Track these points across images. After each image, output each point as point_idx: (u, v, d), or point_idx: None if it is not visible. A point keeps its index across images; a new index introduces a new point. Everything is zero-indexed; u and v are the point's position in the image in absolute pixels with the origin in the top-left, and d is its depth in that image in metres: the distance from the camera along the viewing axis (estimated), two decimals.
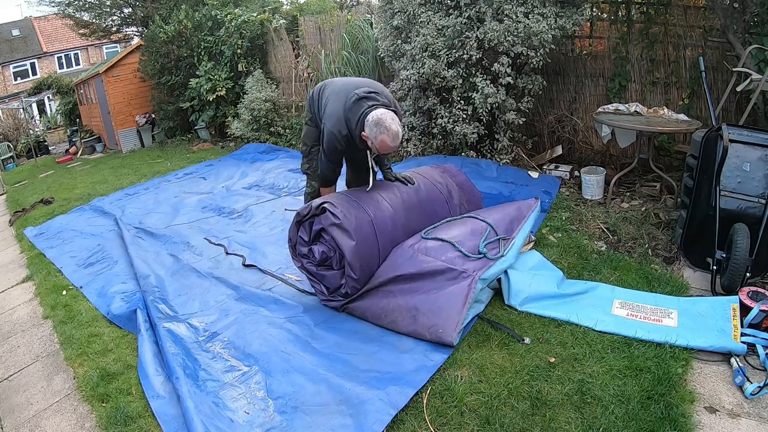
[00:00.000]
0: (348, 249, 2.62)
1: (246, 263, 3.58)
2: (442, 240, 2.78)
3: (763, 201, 2.65)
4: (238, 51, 7.98)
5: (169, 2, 11.17)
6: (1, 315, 3.53)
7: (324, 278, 2.82)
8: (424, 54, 4.34)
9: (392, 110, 2.69)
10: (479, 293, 2.57)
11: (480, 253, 2.70)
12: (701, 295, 2.63)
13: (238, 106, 7.69)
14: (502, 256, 2.70)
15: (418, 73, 4.43)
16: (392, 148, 2.64)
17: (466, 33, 4.10)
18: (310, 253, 2.85)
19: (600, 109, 4.07)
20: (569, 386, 2.08)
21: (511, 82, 4.11)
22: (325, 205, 2.70)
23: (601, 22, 4.55)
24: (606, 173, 4.02)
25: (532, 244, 3.14)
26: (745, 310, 2.35)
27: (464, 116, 4.35)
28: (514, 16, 3.86)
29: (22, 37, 23.83)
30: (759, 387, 1.95)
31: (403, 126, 4.97)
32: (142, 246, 4.18)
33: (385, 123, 2.57)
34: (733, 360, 2.12)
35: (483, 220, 2.94)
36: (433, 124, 4.80)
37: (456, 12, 4.22)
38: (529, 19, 3.85)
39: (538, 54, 3.94)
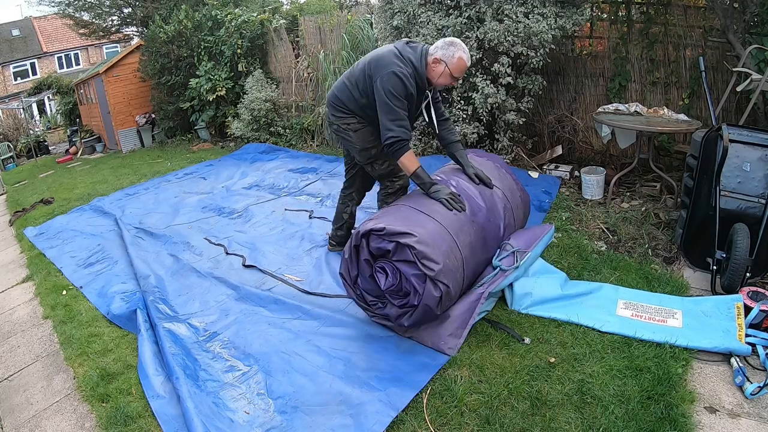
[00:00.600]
0: (432, 301, 2.28)
1: (246, 263, 3.58)
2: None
3: (763, 201, 2.65)
4: (238, 51, 7.98)
5: (169, 2, 11.18)
6: (1, 315, 3.53)
7: (380, 309, 2.53)
8: None
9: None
10: (487, 304, 2.56)
11: (494, 267, 2.66)
12: (701, 295, 2.63)
13: (238, 106, 7.69)
14: (516, 267, 2.64)
15: None
16: (464, 71, 2.58)
17: (466, 33, 4.10)
18: (371, 280, 2.49)
19: (600, 109, 4.07)
20: (569, 386, 2.08)
21: (511, 82, 4.11)
22: (417, 246, 2.23)
23: (601, 22, 4.55)
24: (606, 173, 4.02)
25: None
26: (745, 310, 2.35)
27: (464, 116, 4.35)
28: (514, 16, 3.86)
29: (22, 37, 23.84)
30: (759, 387, 1.95)
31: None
32: (142, 246, 4.18)
33: (458, 42, 2.54)
34: (733, 360, 2.12)
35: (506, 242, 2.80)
36: None
37: (456, 12, 4.22)
38: (529, 19, 3.85)
39: (538, 54, 3.94)
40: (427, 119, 2.77)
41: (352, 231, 2.63)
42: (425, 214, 2.48)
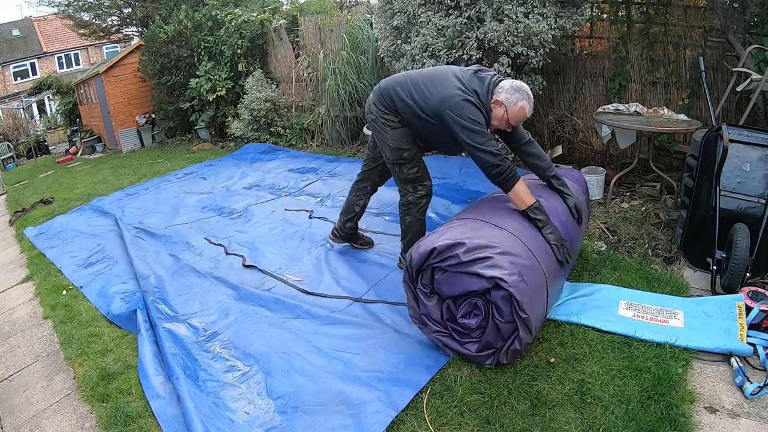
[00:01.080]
0: (522, 346, 2.08)
1: (246, 263, 3.58)
2: None
3: (763, 201, 2.65)
4: (238, 51, 7.98)
5: (169, 2, 11.17)
6: (1, 315, 3.53)
7: (446, 336, 2.30)
8: (424, 54, 4.35)
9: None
10: None
11: None
12: (701, 295, 2.63)
13: (238, 106, 7.69)
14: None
15: None
16: (522, 121, 2.45)
17: (466, 33, 4.10)
18: (448, 315, 2.24)
19: (600, 109, 4.07)
20: (569, 386, 2.08)
21: None
22: (513, 291, 1.94)
23: (601, 22, 4.55)
24: (606, 173, 4.02)
25: None
26: (745, 310, 2.35)
27: None
28: (514, 16, 3.86)
29: (22, 37, 23.84)
30: (759, 387, 1.95)
31: None
32: (142, 246, 4.19)
33: (525, 89, 2.40)
34: (733, 360, 2.12)
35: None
36: None
37: (456, 12, 4.22)
38: (529, 19, 3.85)
39: (538, 54, 3.95)
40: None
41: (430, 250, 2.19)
42: (523, 243, 2.16)
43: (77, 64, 24.27)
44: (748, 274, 2.50)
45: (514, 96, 2.39)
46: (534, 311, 2.03)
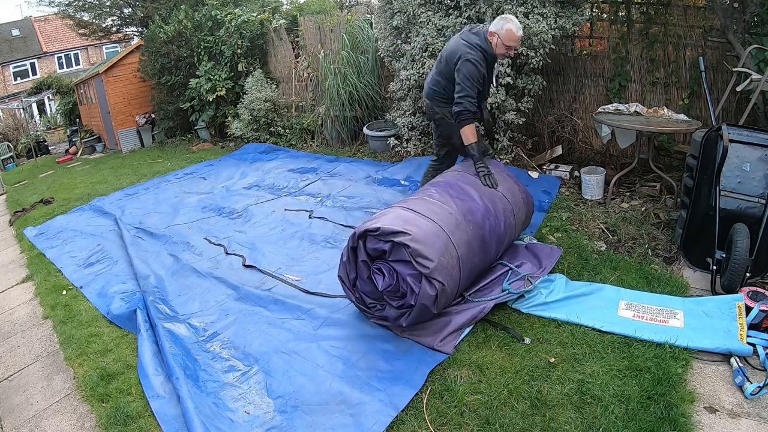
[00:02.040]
0: (428, 300, 2.31)
1: (246, 263, 3.58)
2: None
3: (763, 201, 2.65)
4: (238, 51, 7.98)
5: (169, 2, 11.18)
6: (1, 315, 3.53)
7: (380, 311, 2.56)
8: (424, 54, 4.35)
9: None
10: None
11: (503, 290, 2.70)
12: (701, 295, 2.63)
13: (238, 106, 7.69)
14: (522, 296, 2.67)
15: (418, 73, 4.43)
16: (518, 39, 2.94)
17: None
18: (369, 282, 2.53)
19: (600, 109, 4.06)
20: (569, 386, 2.08)
21: (511, 82, 4.11)
22: (411, 245, 2.26)
23: (601, 22, 4.55)
24: (606, 173, 4.02)
25: None
26: (745, 310, 2.34)
27: None
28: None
29: (22, 37, 23.84)
30: (759, 387, 1.95)
31: (403, 126, 5.01)
32: (142, 246, 4.18)
33: (508, 17, 2.96)
34: (733, 360, 2.12)
35: (512, 267, 2.88)
36: (433, 124, 4.79)
37: (456, 12, 4.22)
38: (529, 19, 3.85)
39: (538, 54, 3.95)
40: (495, 86, 3.20)
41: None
42: (420, 213, 2.50)
43: (77, 64, 24.27)
44: (748, 274, 2.50)
45: (499, 23, 2.95)
46: (437, 264, 2.28)
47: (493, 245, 2.76)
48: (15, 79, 23.09)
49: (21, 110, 14.94)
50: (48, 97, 19.07)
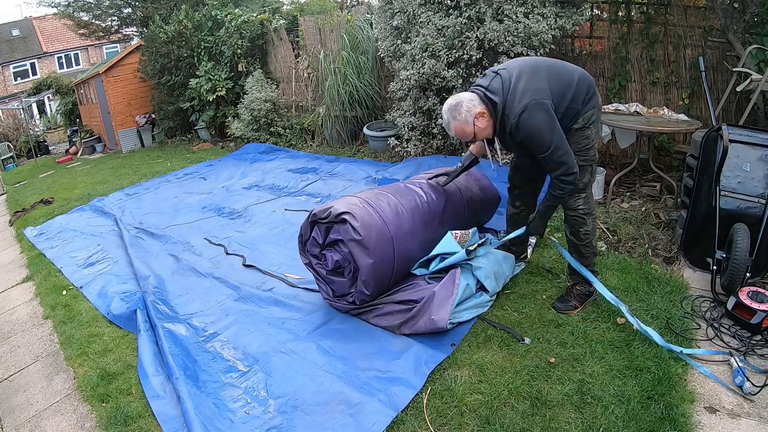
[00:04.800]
0: (365, 267, 2.57)
1: (246, 263, 3.58)
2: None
3: (763, 201, 2.65)
4: (238, 51, 7.98)
5: (169, 2, 11.18)
6: (1, 315, 3.53)
7: (333, 283, 2.79)
8: (424, 54, 4.35)
9: (471, 91, 2.41)
10: (472, 289, 2.61)
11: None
12: (701, 296, 2.63)
13: (238, 106, 7.69)
14: (476, 250, 2.76)
15: (418, 73, 4.43)
16: (455, 136, 2.46)
17: (466, 33, 4.10)
18: (322, 257, 2.81)
19: None
20: (569, 386, 2.08)
21: None
22: (346, 217, 2.59)
23: (601, 22, 4.55)
24: (606, 173, 4.02)
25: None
26: (745, 309, 2.34)
27: None
28: (514, 16, 3.86)
29: (22, 37, 23.85)
30: (759, 387, 1.95)
31: (403, 126, 5.01)
32: (142, 246, 4.19)
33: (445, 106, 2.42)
34: (733, 360, 2.12)
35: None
36: (433, 124, 4.80)
37: (456, 12, 4.22)
38: (529, 19, 3.85)
39: (538, 54, 3.94)
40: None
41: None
42: (357, 197, 2.81)
43: (77, 64, 24.28)
44: (748, 274, 2.50)
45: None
46: (371, 239, 2.54)
47: (432, 216, 2.92)
48: (15, 80, 23.10)
49: (21, 110, 14.93)
50: (48, 98, 19.08)
